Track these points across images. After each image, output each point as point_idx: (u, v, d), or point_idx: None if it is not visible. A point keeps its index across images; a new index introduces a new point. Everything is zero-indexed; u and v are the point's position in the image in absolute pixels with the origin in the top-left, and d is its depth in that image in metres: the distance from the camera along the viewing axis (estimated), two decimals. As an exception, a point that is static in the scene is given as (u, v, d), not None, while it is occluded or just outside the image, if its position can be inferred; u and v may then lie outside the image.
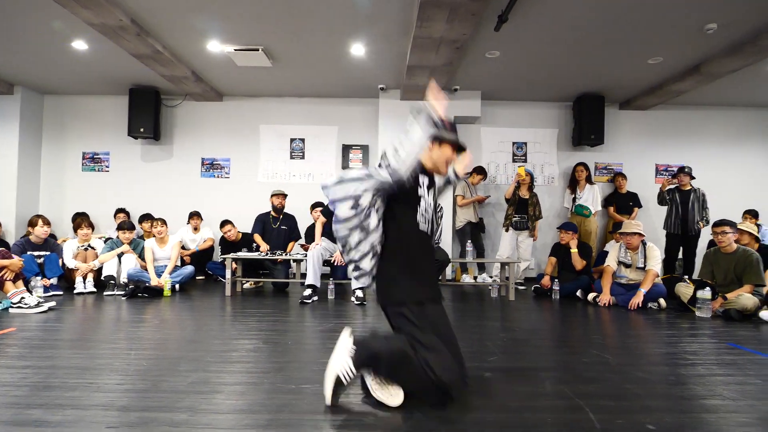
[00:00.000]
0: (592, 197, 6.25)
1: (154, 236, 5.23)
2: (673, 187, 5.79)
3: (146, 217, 6.38)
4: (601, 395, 2.11)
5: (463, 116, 6.55)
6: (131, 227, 5.31)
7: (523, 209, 5.94)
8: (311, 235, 5.49)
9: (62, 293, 4.71)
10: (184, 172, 6.96)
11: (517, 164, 6.87)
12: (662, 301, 4.50)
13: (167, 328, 3.49)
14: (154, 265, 5.04)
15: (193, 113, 6.96)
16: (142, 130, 6.51)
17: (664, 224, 5.88)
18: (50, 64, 5.71)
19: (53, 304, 4.05)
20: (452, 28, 4.12)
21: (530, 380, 2.32)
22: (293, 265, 5.69)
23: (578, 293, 4.98)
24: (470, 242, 5.68)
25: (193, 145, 6.97)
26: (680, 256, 5.86)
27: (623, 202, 6.52)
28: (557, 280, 5.12)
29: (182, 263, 5.57)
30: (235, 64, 5.47)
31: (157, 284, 4.82)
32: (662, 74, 5.68)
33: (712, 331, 3.57)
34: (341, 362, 1.84)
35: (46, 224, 4.93)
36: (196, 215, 6.45)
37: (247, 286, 5.49)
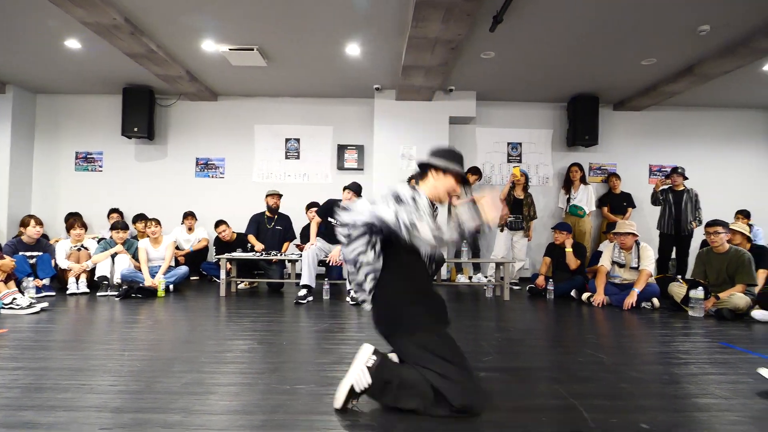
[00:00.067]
0: (586, 197, 6.29)
1: (147, 236, 5.20)
2: (666, 187, 5.82)
3: (140, 217, 6.34)
4: (595, 395, 2.12)
5: (458, 116, 6.58)
6: (125, 227, 5.27)
7: (518, 209, 5.97)
8: (306, 235, 5.48)
9: (55, 294, 4.67)
10: (178, 172, 6.93)
11: (512, 165, 6.89)
12: (655, 300, 4.52)
13: (161, 328, 3.47)
14: (147, 265, 5.01)
15: (187, 113, 6.93)
16: (136, 129, 6.47)
17: (657, 224, 5.91)
18: (43, 63, 5.66)
19: (45, 305, 4.01)
20: (447, 28, 4.13)
21: (525, 380, 2.33)
22: (288, 265, 5.67)
23: (572, 293, 5.00)
24: (465, 242, 5.69)
25: (187, 144, 6.94)
26: (673, 256, 5.90)
27: (617, 202, 6.56)
28: (552, 280, 5.14)
29: (176, 263, 5.54)
30: (229, 63, 5.45)
31: (150, 285, 4.79)
32: (656, 75, 5.72)
33: (704, 330, 3.60)
34: (358, 372, 1.84)
35: (38, 224, 4.88)
36: (190, 215, 6.43)
37: (241, 286, 5.47)
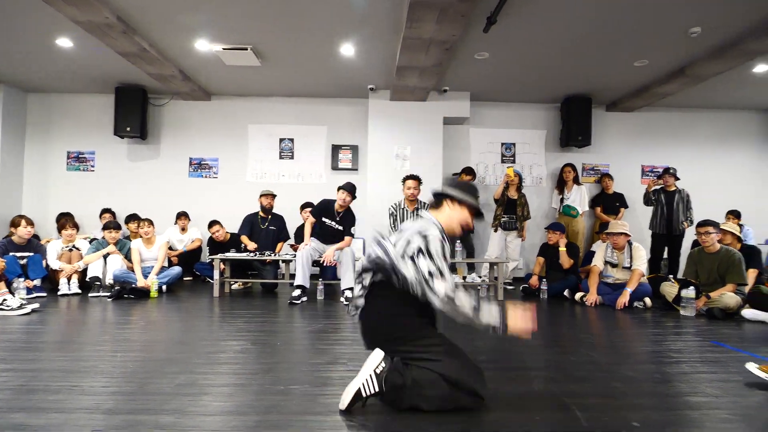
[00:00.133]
0: (579, 198, 6.33)
1: (140, 237, 5.16)
2: (658, 187, 5.86)
3: (133, 217, 6.29)
4: (588, 394, 2.13)
5: (452, 117, 6.60)
6: (117, 227, 5.23)
7: (511, 210, 5.99)
8: (300, 235, 5.46)
9: (46, 295, 4.62)
10: (171, 171, 6.89)
11: (505, 165, 6.92)
12: (648, 300, 4.56)
13: (154, 329, 3.45)
14: (140, 266, 4.98)
15: (180, 112, 6.89)
16: (128, 129, 6.43)
17: (649, 224, 5.96)
18: (34, 61, 5.61)
19: (36, 306, 3.97)
20: (442, 29, 4.14)
21: (518, 379, 2.34)
22: (282, 265, 5.66)
23: (566, 293, 5.02)
24: (459, 242, 5.70)
25: (180, 144, 6.90)
26: (665, 255, 5.95)
27: (610, 202, 6.60)
28: (545, 279, 5.17)
29: (169, 264, 5.51)
30: (223, 63, 5.43)
31: (143, 285, 4.76)
32: (648, 76, 5.77)
33: (695, 329, 3.63)
34: (366, 377, 1.84)
35: (29, 224, 4.83)
36: (183, 215, 6.39)
37: (235, 287, 5.45)
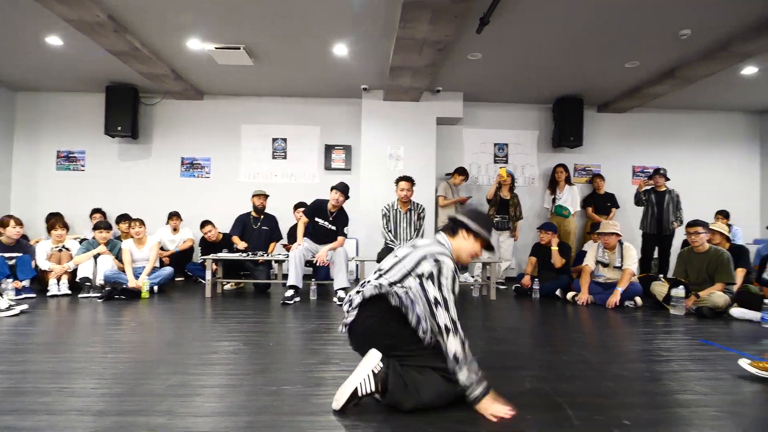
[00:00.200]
0: (571, 198, 6.37)
1: (131, 237, 5.12)
2: (648, 188, 5.92)
3: (124, 217, 6.23)
4: (579, 392, 2.15)
5: (445, 117, 6.61)
6: (108, 227, 5.18)
7: (504, 210, 6.02)
8: (293, 235, 5.45)
9: (35, 296, 4.57)
10: (163, 171, 6.84)
11: (498, 165, 6.95)
12: (638, 299, 4.60)
13: (145, 330, 3.43)
14: (131, 266, 4.93)
15: (172, 112, 6.85)
16: (119, 128, 6.37)
17: (640, 224, 6.01)
18: (23, 60, 5.54)
19: (25, 307, 3.92)
20: (435, 29, 4.15)
21: (510, 379, 2.35)
22: (275, 265, 5.64)
23: (558, 292, 5.06)
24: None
25: (172, 144, 6.86)
26: (656, 255, 6.01)
27: (601, 202, 6.65)
28: (537, 279, 5.20)
29: (161, 264, 5.46)
30: (215, 62, 5.40)
31: (134, 286, 4.71)
32: (639, 78, 5.82)
33: (685, 328, 3.67)
34: (363, 376, 1.84)
35: (18, 225, 4.77)
36: (175, 215, 6.35)
37: (227, 287, 5.42)
